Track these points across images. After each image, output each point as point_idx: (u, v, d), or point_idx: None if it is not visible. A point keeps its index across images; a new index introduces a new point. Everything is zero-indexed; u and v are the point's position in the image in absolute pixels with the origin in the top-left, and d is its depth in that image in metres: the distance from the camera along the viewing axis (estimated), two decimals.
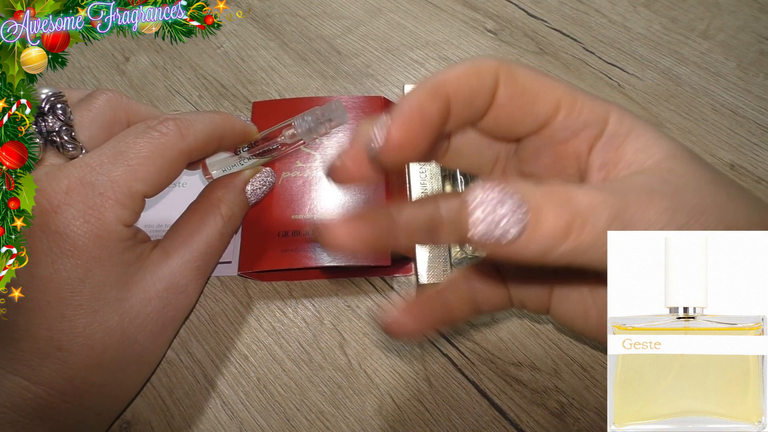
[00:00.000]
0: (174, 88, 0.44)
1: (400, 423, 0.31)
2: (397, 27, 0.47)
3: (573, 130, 0.23)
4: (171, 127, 0.28)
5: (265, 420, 0.31)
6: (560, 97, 0.23)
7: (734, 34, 0.44)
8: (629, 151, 0.22)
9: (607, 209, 0.18)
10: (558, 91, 0.23)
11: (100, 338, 0.26)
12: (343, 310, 0.34)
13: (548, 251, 0.18)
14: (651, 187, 0.20)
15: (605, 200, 0.19)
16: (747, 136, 0.39)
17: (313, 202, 0.35)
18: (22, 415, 0.25)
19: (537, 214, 0.18)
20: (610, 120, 0.23)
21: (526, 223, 0.18)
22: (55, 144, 0.27)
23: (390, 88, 0.43)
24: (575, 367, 0.32)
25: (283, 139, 0.33)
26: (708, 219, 0.20)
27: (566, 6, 0.47)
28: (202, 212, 0.31)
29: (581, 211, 0.18)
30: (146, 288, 0.28)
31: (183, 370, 0.33)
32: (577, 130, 0.23)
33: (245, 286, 0.35)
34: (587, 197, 0.19)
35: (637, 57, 0.44)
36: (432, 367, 0.32)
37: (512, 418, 0.30)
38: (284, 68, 0.45)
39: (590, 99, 0.23)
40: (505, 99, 0.22)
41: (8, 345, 0.25)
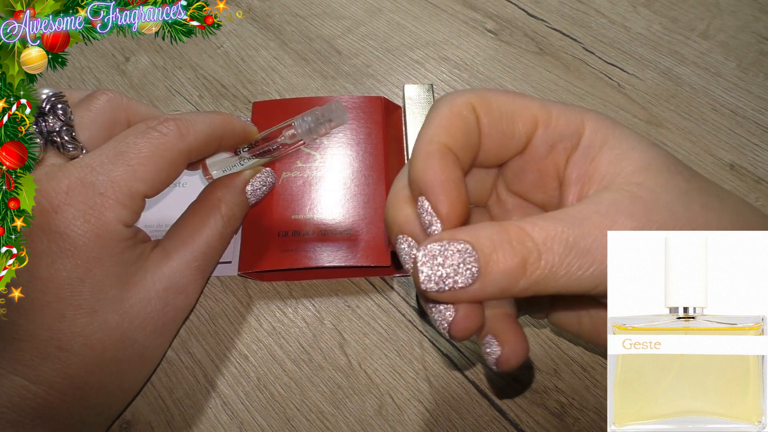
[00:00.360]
0: (174, 88, 0.44)
1: (400, 423, 0.31)
2: (397, 27, 0.47)
3: (550, 144, 0.24)
4: (171, 128, 0.28)
5: (265, 420, 0.31)
6: (535, 113, 0.23)
7: (734, 34, 0.44)
8: (603, 163, 0.22)
9: (562, 241, 0.19)
10: (533, 107, 0.23)
11: (99, 338, 0.26)
12: (343, 310, 0.34)
13: (508, 288, 0.20)
14: (617, 208, 0.20)
15: (560, 232, 0.20)
16: (747, 136, 0.39)
17: (313, 202, 0.35)
18: (22, 415, 0.25)
19: (487, 260, 0.19)
20: (585, 131, 0.23)
21: (478, 269, 0.19)
22: (56, 144, 0.27)
23: (390, 88, 0.43)
24: (575, 367, 0.32)
25: (283, 140, 0.33)
26: None
27: (566, 6, 0.47)
28: (202, 212, 0.31)
29: (535, 246, 0.19)
30: (146, 288, 0.28)
31: (183, 370, 0.33)
32: (554, 143, 0.23)
33: (245, 286, 0.35)
34: (543, 232, 0.20)
35: (637, 57, 0.44)
36: (432, 367, 0.32)
37: (512, 418, 0.30)
38: (284, 68, 0.45)
39: (565, 110, 0.23)
40: (488, 128, 0.23)
41: (8, 345, 0.25)
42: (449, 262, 0.20)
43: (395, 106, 0.40)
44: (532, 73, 0.43)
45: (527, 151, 0.24)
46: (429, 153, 0.21)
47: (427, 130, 0.22)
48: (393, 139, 0.38)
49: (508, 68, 0.44)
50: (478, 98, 0.23)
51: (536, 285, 0.20)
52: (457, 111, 0.22)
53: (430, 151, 0.21)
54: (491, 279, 0.19)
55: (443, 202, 0.21)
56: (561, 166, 0.24)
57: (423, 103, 0.39)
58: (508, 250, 0.19)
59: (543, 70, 0.43)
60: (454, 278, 0.20)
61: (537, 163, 0.24)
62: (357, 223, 0.34)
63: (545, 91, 0.42)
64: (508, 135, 0.23)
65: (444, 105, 0.23)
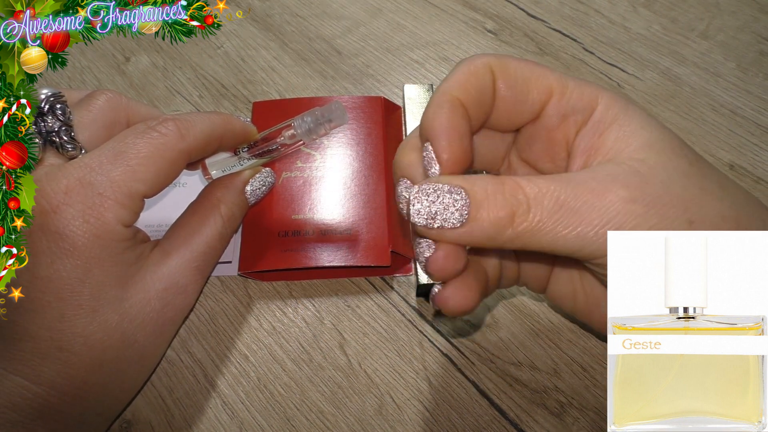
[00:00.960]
0: (174, 88, 0.44)
1: (400, 423, 0.31)
2: (397, 27, 0.47)
3: (562, 115, 0.24)
4: (171, 128, 0.28)
5: (265, 420, 0.31)
6: (551, 83, 0.24)
7: (734, 34, 0.44)
8: (610, 138, 0.23)
9: (553, 198, 0.20)
10: (549, 77, 0.24)
11: (99, 338, 0.26)
12: (343, 310, 0.34)
13: (494, 237, 0.21)
14: (613, 177, 0.21)
15: (551, 190, 0.20)
16: (746, 137, 0.39)
17: (313, 202, 0.35)
18: (22, 415, 0.25)
19: (478, 206, 0.20)
20: (597, 107, 0.23)
21: (468, 213, 0.20)
22: (55, 144, 0.27)
23: (390, 88, 0.43)
24: (575, 367, 0.32)
25: (282, 140, 0.33)
26: (668, 211, 0.21)
27: (566, 6, 0.47)
28: (201, 212, 0.31)
29: (526, 199, 0.20)
30: (146, 288, 0.28)
31: (183, 370, 0.33)
32: (566, 114, 0.24)
33: (245, 286, 0.35)
34: (535, 188, 0.21)
35: (637, 57, 0.44)
36: (432, 367, 0.32)
37: (512, 418, 0.30)
38: (284, 68, 0.45)
39: (580, 85, 0.24)
40: (503, 91, 0.24)
41: (8, 345, 0.25)
42: (441, 200, 0.21)
43: (395, 106, 0.40)
44: None
45: (540, 119, 0.25)
46: (440, 103, 0.23)
47: (444, 84, 0.23)
48: (393, 139, 0.38)
49: None
50: (497, 61, 0.24)
51: (521, 237, 0.21)
52: (474, 70, 0.23)
53: (441, 101, 0.23)
54: (479, 225, 0.20)
55: (445, 149, 0.22)
56: (571, 137, 0.24)
57: (423, 103, 0.39)
58: (500, 200, 0.20)
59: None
60: (443, 216, 0.21)
61: (548, 133, 0.25)
62: (357, 223, 0.34)
63: None
64: (522, 100, 0.24)
65: (464, 64, 0.24)
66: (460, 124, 0.23)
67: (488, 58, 0.24)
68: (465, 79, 0.23)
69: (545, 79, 0.24)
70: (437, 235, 0.21)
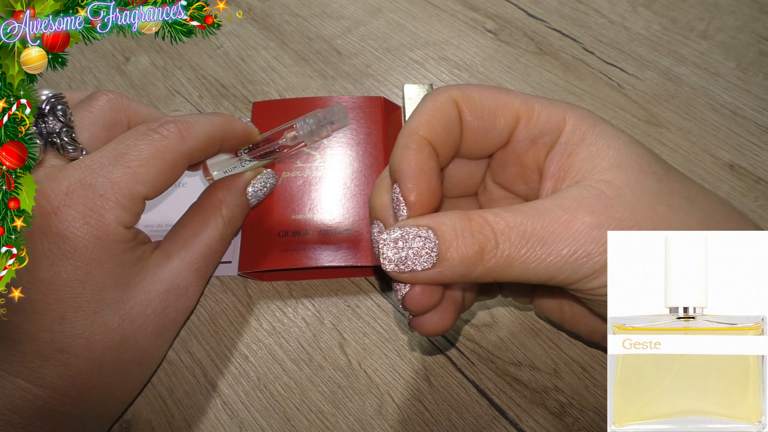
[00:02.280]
0: (174, 89, 0.44)
1: (400, 423, 0.31)
2: (397, 27, 0.47)
3: (531, 139, 0.24)
4: (172, 130, 0.28)
5: (265, 420, 0.31)
6: (517, 108, 0.24)
7: (733, 34, 0.44)
8: (579, 159, 0.23)
9: (520, 232, 0.21)
10: (515, 103, 0.24)
11: (100, 340, 0.26)
12: (343, 310, 0.34)
13: (466, 274, 0.21)
14: (579, 203, 0.21)
15: (519, 223, 0.21)
16: (746, 137, 0.39)
17: (313, 202, 0.35)
18: (22, 417, 0.25)
19: (447, 246, 0.21)
20: (565, 127, 0.24)
21: (437, 254, 0.21)
22: (56, 145, 0.27)
23: (390, 88, 0.43)
24: (575, 366, 0.32)
25: (284, 141, 0.33)
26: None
27: (566, 6, 0.47)
28: (203, 214, 0.31)
29: (494, 235, 0.21)
30: (147, 289, 0.28)
31: (183, 370, 0.33)
32: (535, 138, 0.24)
33: (245, 286, 0.35)
34: (503, 222, 0.21)
35: (637, 57, 0.44)
36: (432, 367, 0.32)
37: (512, 418, 0.30)
38: (284, 68, 0.45)
39: (548, 106, 0.24)
40: (470, 122, 0.24)
41: (9, 347, 0.25)
42: (410, 245, 0.21)
43: (395, 106, 0.40)
44: (531, 73, 0.43)
45: (510, 145, 0.25)
46: (406, 145, 0.23)
47: (409, 123, 0.24)
48: (393, 139, 0.38)
49: (507, 68, 0.44)
50: (461, 94, 0.24)
51: (493, 272, 0.21)
52: (439, 106, 0.24)
53: (408, 143, 0.23)
54: (449, 264, 0.21)
55: (412, 191, 0.22)
56: (541, 160, 0.24)
57: None
58: (468, 238, 0.21)
59: (543, 70, 0.43)
60: (413, 260, 0.21)
61: (519, 157, 0.25)
62: (357, 223, 0.34)
63: (545, 91, 0.42)
64: (489, 129, 0.24)
65: (428, 100, 0.24)
66: (427, 164, 0.23)
67: (452, 91, 0.24)
68: (431, 116, 0.23)
69: (511, 106, 0.24)
70: (410, 279, 0.21)
